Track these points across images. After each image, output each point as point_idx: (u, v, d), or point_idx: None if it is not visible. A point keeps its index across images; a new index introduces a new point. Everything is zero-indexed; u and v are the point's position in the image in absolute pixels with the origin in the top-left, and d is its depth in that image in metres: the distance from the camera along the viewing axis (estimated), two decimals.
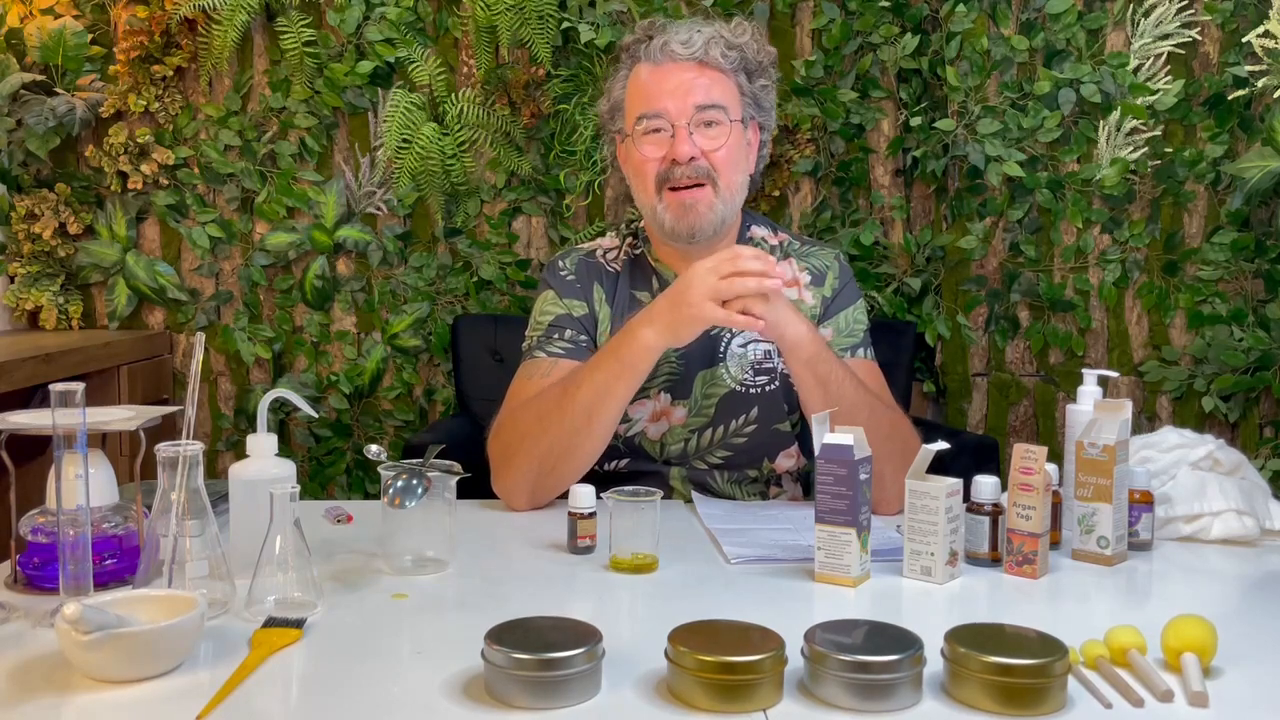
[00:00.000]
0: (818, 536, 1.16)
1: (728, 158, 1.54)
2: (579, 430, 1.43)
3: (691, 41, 1.54)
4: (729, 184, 1.55)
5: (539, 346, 1.59)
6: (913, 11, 2.33)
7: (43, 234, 2.43)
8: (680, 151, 1.51)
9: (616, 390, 1.42)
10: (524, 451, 1.45)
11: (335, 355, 2.52)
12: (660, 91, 1.54)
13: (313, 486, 2.50)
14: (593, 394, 1.42)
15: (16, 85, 2.39)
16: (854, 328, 1.61)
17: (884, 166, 2.41)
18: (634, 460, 1.59)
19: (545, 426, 1.44)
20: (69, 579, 0.98)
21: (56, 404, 0.96)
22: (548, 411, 1.45)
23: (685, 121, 1.52)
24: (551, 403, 1.45)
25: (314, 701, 0.89)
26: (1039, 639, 0.89)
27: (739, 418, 1.58)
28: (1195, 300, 2.33)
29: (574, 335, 1.59)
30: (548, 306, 1.63)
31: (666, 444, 1.58)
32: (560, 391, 1.45)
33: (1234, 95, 2.25)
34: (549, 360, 1.57)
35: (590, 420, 1.43)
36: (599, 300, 1.63)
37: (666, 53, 1.54)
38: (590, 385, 1.43)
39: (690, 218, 1.53)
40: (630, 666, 0.91)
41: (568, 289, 1.63)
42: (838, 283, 1.64)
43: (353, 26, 2.40)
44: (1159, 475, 1.34)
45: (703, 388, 1.58)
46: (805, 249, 1.67)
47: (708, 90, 1.54)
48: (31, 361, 2.03)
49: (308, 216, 2.48)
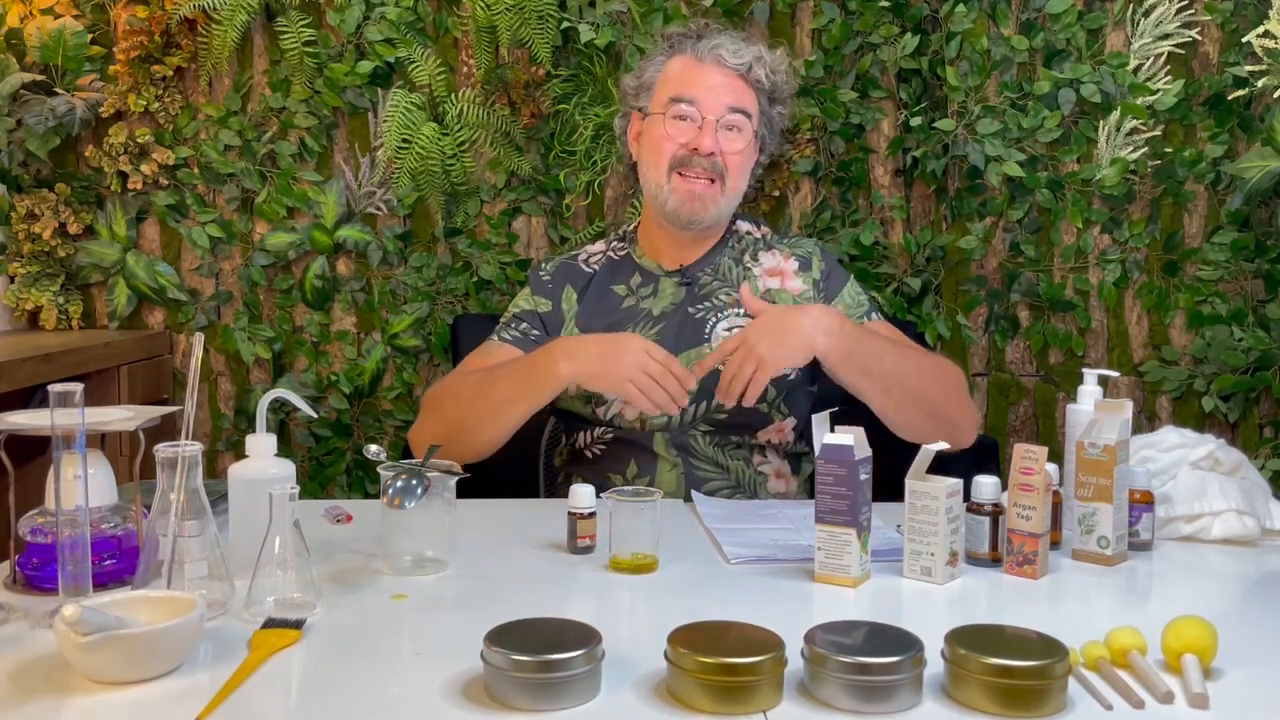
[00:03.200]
0: (818, 536, 1.16)
1: (740, 163, 1.67)
2: (482, 421, 1.55)
3: (741, 54, 1.66)
4: (734, 187, 1.68)
5: (499, 331, 1.74)
6: (913, 11, 2.32)
7: (43, 234, 2.43)
8: (704, 143, 1.62)
9: (517, 406, 1.54)
10: (440, 417, 1.60)
11: (335, 355, 2.52)
12: (699, 84, 1.65)
13: (312, 486, 2.50)
14: (500, 398, 1.55)
15: (16, 85, 2.39)
16: (859, 298, 1.72)
17: (884, 166, 2.41)
18: (618, 430, 1.65)
19: (459, 404, 1.58)
20: (68, 580, 0.98)
21: (55, 404, 0.96)
22: (465, 394, 1.58)
23: (715, 117, 1.63)
24: (471, 389, 1.58)
25: (313, 702, 0.89)
26: (1039, 640, 0.89)
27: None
28: (1195, 300, 2.33)
29: (527, 329, 1.71)
30: (520, 300, 1.77)
31: (649, 418, 1.61)
32: (479, 382, 1.58)
33: (1234, 95, 2.25)
34: (498, 344, 1.70)
35: (494, 418, 1.55)
36: (568, 298, 1.73)
37: (714, 56, 1.66)
38: (500, 390, 1.55)
39: (695, 206, 1.64)
40: (630, 668, 0.91)
41: (539, 287, 1.76)
42: (824, 265, 1.74)
43: (353, 26, 2.39)
44: (1159, 475, 1.34)
45: (687, 366, 1.59)
46: (786, 240, 1.79)
47: (740, 98, 1.66)
48: (31, 361, 2.02)
49: (308, 216, 2.48)
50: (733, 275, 1.72)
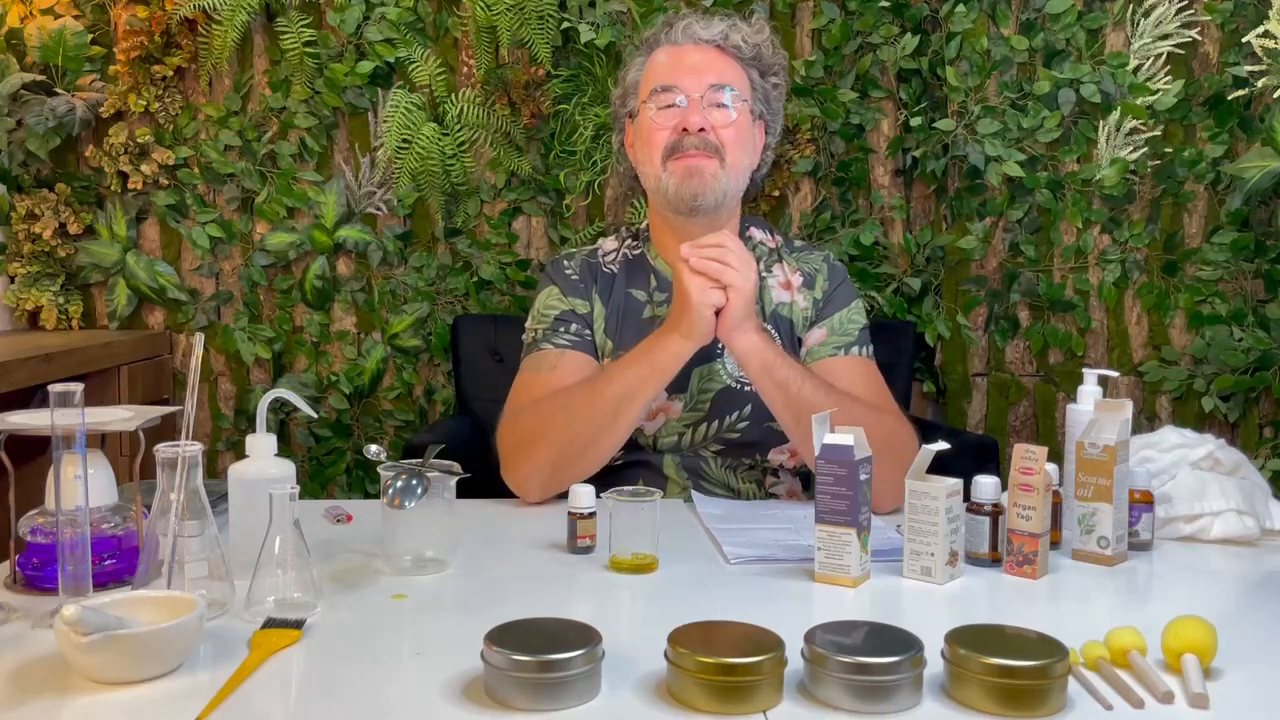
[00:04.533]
0: (818, 537, 1.16)
1: (736, 136, 1.58)
2: (605, 426, 1.47)
3: (712, 25, 1.61)
4: (735, 162, 1.58)
5: (545, 339, 1.62)
6: (913, 11, 2.32)
7: (43, 234, 2.43)
8: (691, 121, 1.55)
9: (644, 392, 1.47)
10: (546, 442, 1.47)
11: (335, 355, 2.52)
12: (678, 67, 1.59)
13: (313, 486, 2.50)
14: (622, 392, 1.46)
15: (16, 85, 2.39)
16: (848, 327, 1.63)
17: (884, 166, 2.41)
18: (627, 451, 1.60)
19: (571, 418, 1.47)
20: (68, 580, 0.98)
21: (55, 404, 0.96)
22: (575, 405, 1.48)
23: (699, 94, 1.56)
24: (581, 397, 1.48)
25: (313, 703, 0.89)
26: (1039, 640, 0.89)
27: (733, 413, 1.58)
28: (1195, 300, 2.33)
29: (579, 329, 1.62)
30: (551, 301, 1.65)
31: (660, 437, 1.59)
32: (590, 387, 1.49)
33: (1234, 95, 2.25)
34: (556, 352, 1.60)
35: (617, 417, 1.47)
36: (595, 299, 1.66)
37: (688, 34, 1.61)
38: (621, 383, 1.46)
39: (695, 182, 1.55)
40: (630, 668, 0.91)
41: (571, 287, 1.66)
42: (828, 284, 1.66)
43: (353, 27, 2.40)
44: (1159, 475, 1.34)
45: (699, 383, 1.59)
46: (797, 252, 1.70)
47: (722, 73, 1.59)
48: (31, 361, 2.02)
49: (308, 216, 2.48)
50: None
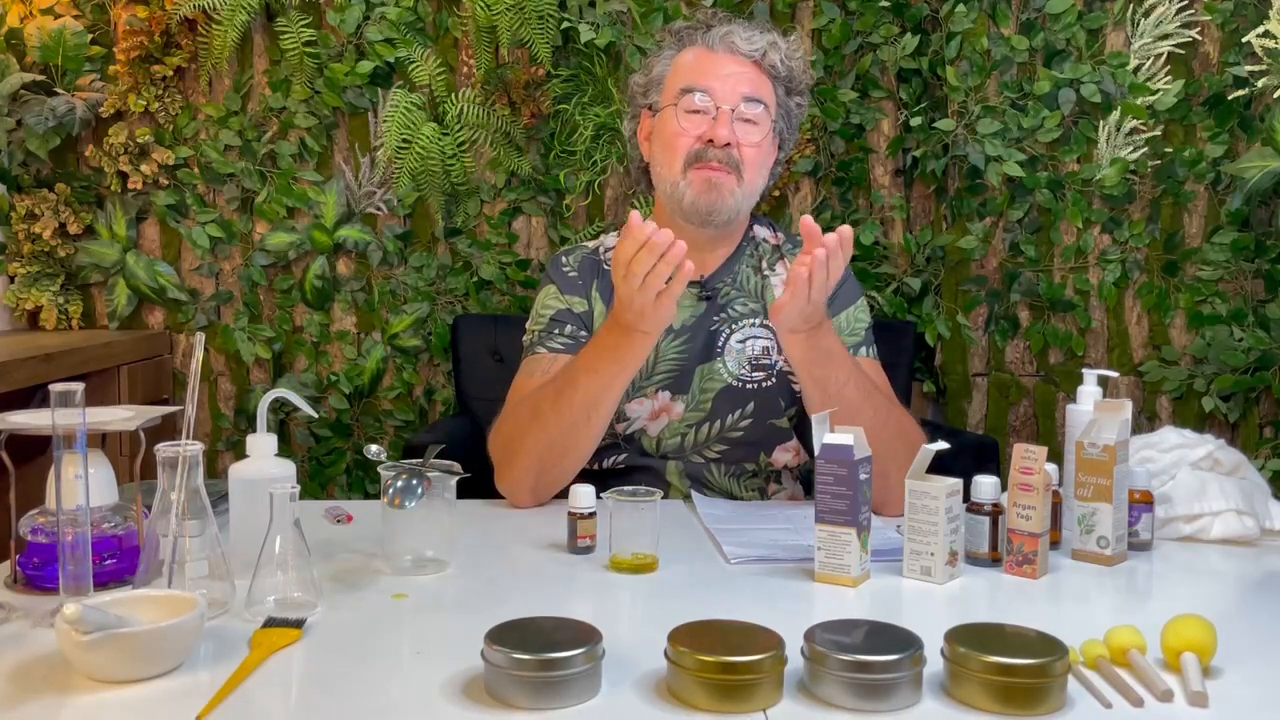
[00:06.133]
0: (818, 536, 1.16)
1: (757, 156, 1.57)
2: (578, 427, 1.45)
3: (754, 40, 1.58)
4: (751, 180, 1.58)
5: (540, 342, 1.61)
6: (913, 11, 2.33)
7: (43, 234, 2.43)
8: (719, 134, 1.53)
9: (614, 390, 1.45)
10: (524, 451, 1.46)
11: (335, 355, 2.52)
12: (712, 74, 1.56)
13: (313, 486, 2.50)
14: (592, 395, 1.43)
15: (16, 85, 2.39)
16: (855, 326, 1.62)
17: (884, 166, 2.41)
18: (631, 456, 1.60)
19: (544, 426, 1.45)
20: (69, 579, 0.98)
21: (56, 404, 0.96)
22: (545, 412, 1.46)
23: (731, 106, 1.54)
24: (548, 403, 1.46)
25: (314, 702, 0.89)
26: (1039, 639, 0.89)
27: (735, 412, 1.58)
28: (1195, 300, 2.33)
29: (574, 330, 1.60)
30: (549, 301, 1.64)
31: (663, 438, 1.58)
32: (555, 390, 1.46)
33: (1234, 95, 2.25)
34: (549, 356, 1.58)
35: (590, 417, 1.45)
36: (595, 297, 1.64)
37: (726, 43, 1.58)
38: (588, 387, 1.43)
39: (713, 195, 1.54)
40: (630, 667, 0.91)
41: (569, 285, 1.65)
42: None
43: (353, 26, 2.40)
44: (1159, 475, 1.34)
45: (700, 382, 1.59)
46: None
47: (756, 87, 1.57)
48: (31, 361, 2.02)
49: (308, 216, 2.48)
50: (751, 285, 1.65)
